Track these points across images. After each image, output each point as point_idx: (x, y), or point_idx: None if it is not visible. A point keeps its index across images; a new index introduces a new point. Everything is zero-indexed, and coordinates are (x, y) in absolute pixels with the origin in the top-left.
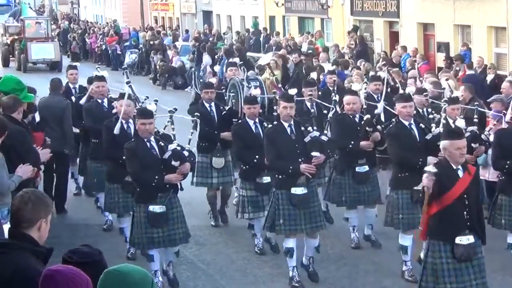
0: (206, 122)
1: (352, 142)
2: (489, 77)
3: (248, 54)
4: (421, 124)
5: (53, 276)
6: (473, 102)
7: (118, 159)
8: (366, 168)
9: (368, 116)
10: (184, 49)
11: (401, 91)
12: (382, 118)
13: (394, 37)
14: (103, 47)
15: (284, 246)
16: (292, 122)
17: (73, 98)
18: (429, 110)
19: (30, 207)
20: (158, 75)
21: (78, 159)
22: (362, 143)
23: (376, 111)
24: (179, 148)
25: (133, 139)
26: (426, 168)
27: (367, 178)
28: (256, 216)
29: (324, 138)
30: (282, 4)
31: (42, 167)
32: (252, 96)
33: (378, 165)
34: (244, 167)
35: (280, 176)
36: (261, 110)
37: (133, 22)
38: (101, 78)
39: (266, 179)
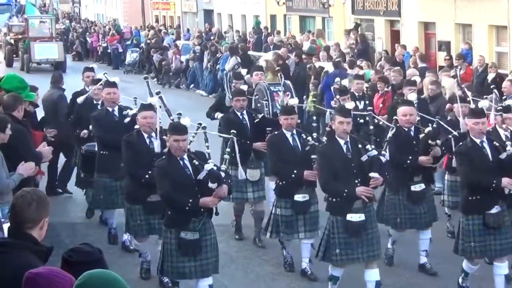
0: (238, 131)
1: (410, 158)
2: (490, 76)
3: (249, 53)
4: (494, 142)
5: (34, 278)
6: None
7: (140, 178)
8: (422, 186)
9: (429, 128)
10: (185, 48)
11: (472, 105)
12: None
13: (395, 36)
14: (104, 45)
15: (330, 272)
16: (348, 139)
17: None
18: None
19: (34, 208)
20: (161, 74)
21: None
22: (421, 158)
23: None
24: (215, 168)
25: (163, 157)
26: None
27: (423, 198)
28: (290, 238)
29: (382, 158)
30: (283, 3)
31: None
32: (289, 105)
33: None
34: (280, 183)
35: (334, 200)
36: (299, 121)
37: (134, 21)
38: (113, 84)
39: (304, 197)
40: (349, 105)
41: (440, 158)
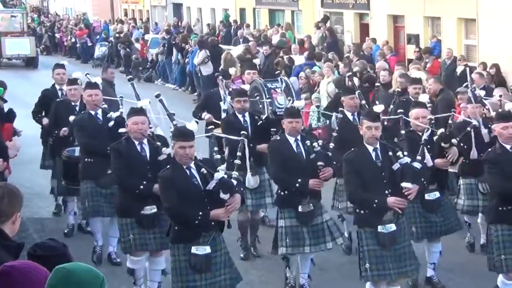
0: (238, 135)
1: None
2: (459, 69)
3: (221, 46)
4: None
5: (9, 272)
6: (443, 93)
7: (133, 189)
8: (437, 194)
9: (442, 130)
10: (154, 42)
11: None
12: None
13: (364, 29)
14: (73, 40)
15: None
16: (377, 146)
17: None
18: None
19: (6, 202)
20: (130, 68)
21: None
22: (438, 161)
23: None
24: (226, 176)
25: (168, 166)
26: None
27: (438, 206)
28: (296, 252)
29: (416, 165)
30: None
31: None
32: (294, 108)
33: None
34: (282, 193)
35: (362, 212)
36: (303, 127)
37: (103, 15)
38: (94, 86)
39: (309, 207)
40: (378, 108)
41: (460, 158)
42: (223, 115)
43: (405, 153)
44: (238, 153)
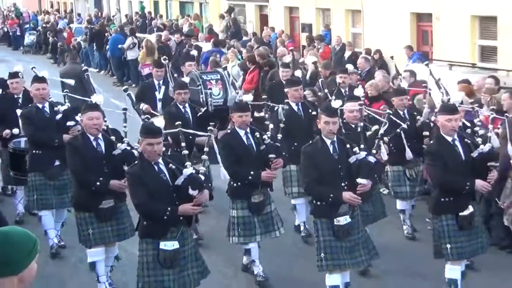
0: (181, 125)
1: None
2: (347, 54)
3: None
4: (466, 140)
5: None
6: (333, 76)
7: (90, 185)
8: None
9: (376, 126)
10: (78, 31)
11: (439, 99)
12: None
13: (264, 19)
14: (5, 29)
15: (327, 285)
16: (335, 139)
17: None
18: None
19: None
20: (57, 54)
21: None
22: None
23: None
24: (194, 172)
25: (136, 162)
26: None
27: (369, 196)
28: (248, 241)
29: (371, 159)
30: None
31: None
32: (243, 102)
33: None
34: (234, 184)
35: (318, 203)
36: (251, 119)
37: (31, 6)
38: (42, 80)
39: (261, 197)
40: (336, 103)
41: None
42: (159, 104)
43: (362, 146)
44: (205, 148)
